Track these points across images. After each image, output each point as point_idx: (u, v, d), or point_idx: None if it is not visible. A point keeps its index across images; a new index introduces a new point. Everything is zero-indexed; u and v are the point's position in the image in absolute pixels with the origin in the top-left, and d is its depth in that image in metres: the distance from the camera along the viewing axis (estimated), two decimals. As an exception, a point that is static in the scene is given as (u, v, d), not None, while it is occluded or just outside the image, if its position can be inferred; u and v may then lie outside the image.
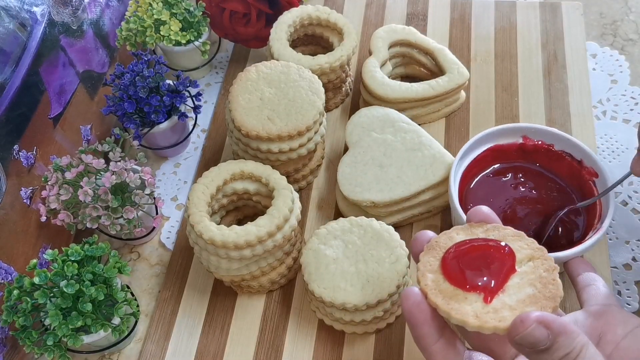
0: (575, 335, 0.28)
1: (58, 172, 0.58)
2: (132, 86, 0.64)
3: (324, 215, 0.67)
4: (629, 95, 0.73)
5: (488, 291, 0.34)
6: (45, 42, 0.60)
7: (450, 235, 0.40)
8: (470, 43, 0.79)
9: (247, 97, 0.61)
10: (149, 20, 0.70)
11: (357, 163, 0.63)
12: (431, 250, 0.39)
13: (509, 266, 0.36)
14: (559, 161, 0.60)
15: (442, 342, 0.33)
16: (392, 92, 0.67)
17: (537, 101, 0.72)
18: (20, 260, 0.56)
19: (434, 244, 0.39)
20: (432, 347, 0.33)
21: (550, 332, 0.28)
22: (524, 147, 0.61)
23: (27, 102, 0.58)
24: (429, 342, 0.33)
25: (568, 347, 0.28)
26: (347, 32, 0.69)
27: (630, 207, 0.65)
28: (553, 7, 0.81)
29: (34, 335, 0.51)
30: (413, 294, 0.33)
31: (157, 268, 0.65)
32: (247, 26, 0.73)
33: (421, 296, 0.34)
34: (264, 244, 0.54)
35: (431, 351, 0.33)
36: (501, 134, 0.61)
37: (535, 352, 0.29)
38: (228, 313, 0.61)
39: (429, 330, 0.32)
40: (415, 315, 0.33)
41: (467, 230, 0.40)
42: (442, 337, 0.33)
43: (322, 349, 0.58)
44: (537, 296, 0.33)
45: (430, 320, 0.33)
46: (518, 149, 0.61)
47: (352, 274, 0.54)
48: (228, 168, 0.58)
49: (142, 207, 0.59)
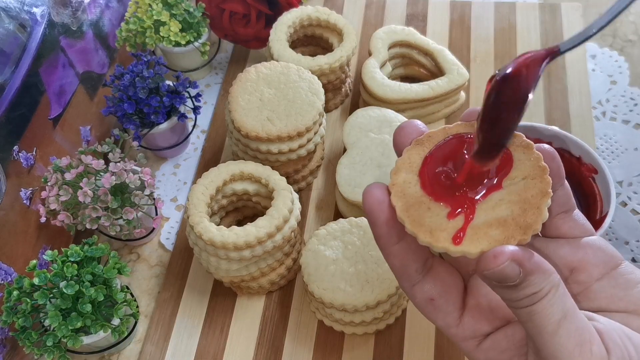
0: (548, 275, 0.27)
1: (58, 172, 0.58)
2: (132, 87, 0.64)
3: (324, 216, 0.67)
4: (628, 96, 0.73)
5: (455, 206, 0.29)
6: (45, 43, 0.60)
7: (449, 130, 0.32)
8: (469, 44, 0.79)
9: (247, 97, 0.61)
10: (149, 21, 0.70)
11: (355, 164, 0.63)
12: (419, 146, 0.32)
13: (496, 181, 0.29)
14: (558, 159, 0.60)
15: (402, 245, 0.30)
16: (391, 93, 0.67)
17: (536, 102, 0.72)
18: (20, 261, 0.56)
19: (426, 138, 0.32)
20: (390, 247, 0.30)
21: (522, 270, 0.26)
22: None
23: (27, 102, 0.58)
24: (387, 243, 0.30)
25: (537, 287, 0.26)
26: (346, 32, 0.69)
27: (630, 207, 0.65)
28: (552, 8, 0.81)
29: (33, 336, 0.51)
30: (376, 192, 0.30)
31: (157, 269, 0.65)
32: (246, 27, 0.73)
33: (384, 195, 0.30)
34: (263, 245, 0.54)
35: (389, 252, 0.30)
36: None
37: (502, 287, 0.27)
38: (228, 314, 0.61)
39: (389, 231, 0.30)
40: (375, 214, 0.29)
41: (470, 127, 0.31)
42: (403, 240, 0.30)
43: (322, 350, 0.58)
44: (509, 222, 0.28)
45: (391, 221, 0.29)
46: None
47: (352, 275, 0.54)
48: (228, 169, 0.58)
49: (141, 208, 0.59)
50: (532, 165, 0.29)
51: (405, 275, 0.31)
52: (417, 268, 0.31)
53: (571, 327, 0.27)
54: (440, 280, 0.31)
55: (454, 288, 0.31)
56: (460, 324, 0.31)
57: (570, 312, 0.27)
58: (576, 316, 0.27)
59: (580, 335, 0.27)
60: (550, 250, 0.32)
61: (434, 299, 0.31)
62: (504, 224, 0.28)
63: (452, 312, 0.31)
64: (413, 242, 0.30)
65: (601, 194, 0.56)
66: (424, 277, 0.31)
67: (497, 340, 0.31)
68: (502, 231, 0.27)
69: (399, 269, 0.31)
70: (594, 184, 0.58)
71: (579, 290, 0.31)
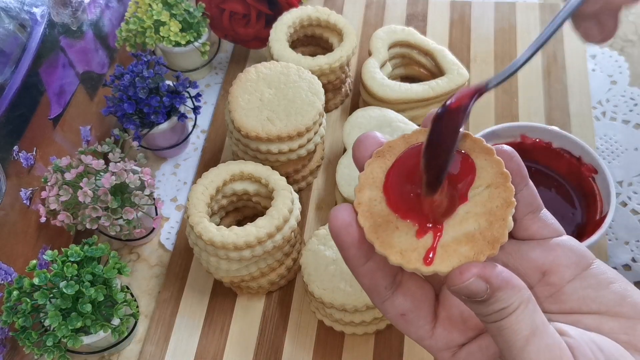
0: (517, 291, 0.27)
1: (58, 172, 0.58)
2: (132, 87, 0.64)
3: (324, 216, 0.67)
4: (628, 96, 0.73)
5: (423, 224, 0.28)
6: (45, 43, 0.60)
7: (409, 138, 0.30)
8: (470, 44, 0.79)
9: (247, 97, 0.61)
10: (149, 21, 0.70)
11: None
12: (380, 158, 0.30)
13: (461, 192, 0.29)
14: (558, 159, 0.60)
15: (370, 264, 0.30)
16: (391, 93, 0.67)
17: (536, 102, 0.72)
18: (20, 261, 0.56)
19: (387, 149, 0.30)
20: (359, 268, 0.30)
21: (489, 287, 0.26)
22: (522, 146, 0.61)
23: (27, 103, 0.58)
24: (356, 264, 0.30)
25: (505, 302, 0.26)
26: (346, 33, 0.69)
27: (629, 207, 0.65)
28: (552, 8, 0.81)
29: (33, 336, 0.51)
30: (342, 215, 0.29)
31: (157, 269, 0.65)
32: (246, 27, 0.73)
33: (351, 217, 0.29)
34: (263, 245, 0.54)
35: (357, 272, 0.30)
36: (499, 134, 0.61)
37: (471, 302, 0.27)
38: (228, 314, 0.61)
39: (357, 253, 0.29)
40: (343, 238, 0.29)
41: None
42: (371, 260, 0.30)
43: (322, 350, 0.58)
44: (476, 237, 0.28)
45: (358, 243, 0.29)
46: (516, 148, 0.61)
47: (352, 275, 0.54)
48: (228, 169, 0.58)
49: (141, 208, 0.59)
50: (495, 172, 0.29)
51: (375, 292, 0.31)
52: (386, 285, 0.30)
53: (541, 343, 0.27)
54: (411, 295, 0.31)
55: (424, 302, 0.31)
56: (433, 335, 0.31)
57: (540, 328, 0.27)
58: (546, 332, 0.27)
59: (550, 352, 0.27)
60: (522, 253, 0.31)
61: (405, 314, 0.31)
62: (472, 239, 0.28)
63: (424, 325, 0.31)
64: (381, 261, 0.29)
65: (601, 194, 0.56)
66: (394, 293, 0.31)
67: (472, 353, 0.31)
68: (471, 247, 0.28)
69: (368, 287, 0.31)
70: (594, 184, 0.58)
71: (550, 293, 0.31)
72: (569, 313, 0.30)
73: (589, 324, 0.29)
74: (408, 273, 0.31)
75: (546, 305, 0.30)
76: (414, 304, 0.31)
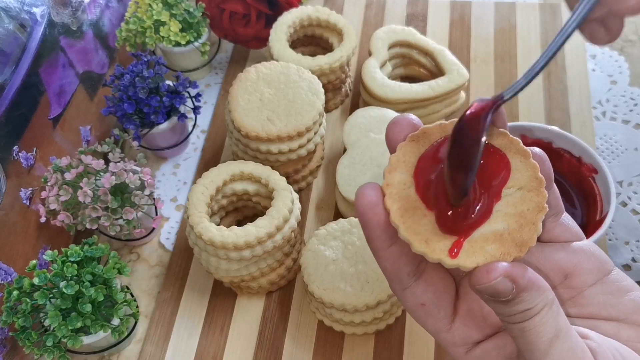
0: (542, 292, 0.26)
1: (58, 172, 0.58)
2: (132, 87, 0.64)
3: (324, 216, 0.67)
4: (628, 96, 0.73)
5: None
6: (45, 43, 0.60)
7: (445, 127, 0.30)
8: (470, 44, 0.79)
9: (247, 97, 0.61)
10: (149, 21, 0.70)
11: (355, 164, 0.63)
12: (414, 143, 0.30)
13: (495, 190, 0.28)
14: (558, 159, 0.60)
15: (394, 248, 0.29)
16: (392, 93, 0.67)
17: (536, 102, 0.72)
18: (19, 261, 0.56)
19: (421, 135, 0.30)
20: (382, 251, 0.29)
21: (516, 287, 0.26)
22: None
23: (27, 102, 0.58)
24: (380, 246, 0.29)
25: (530, 303, 0.26)
26: (346, 32, 0.69)
27: (629, 207, 0.65)
28: (553, 8, 0.81)
29: (33, 336, 0.51)
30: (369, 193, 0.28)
31: (157, 269, 0.65)
32: (246, 27, 0.73)
33: (378, 196, 0.28)
34: (263, 245, 0.54)
35: (380, 255, 0.29)
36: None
37: (494, 301, 0.27)
38: (228, 314, 0.61)
39: (381, 235, 0.28)
40: (368, 217, 0.28)
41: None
42: (396, 244, 0.29)
43: (322, 350, 0.58)
44: (505, 237, 0.27)
45: (385, 224, 0.28)
46: None
47: (352, 275, 0.54)
48: (228, 169, 0.58)
49: (141, 208, 0.59)
50: (529, 176, 0.29)
51: (396, 278, 0.30)
52: (409, 272, 0.30)
53: (564, 346, 0.26)
54: (433, 286, 0.30)
55: (446, 293, 0.31)
56: (451, 329, 0.31)
57: (564, 331, 0.27)
58: (570, 335, 0.27)
59: (573, 355, 0.26)
60: (546, 255, 0.31)
61: (425, 304, 0.30)
62: (500, 239, 0.27)
63: (443, 317, 0.31)
64: (406, 246, 0.29)
65: (601, 194, 0.56)
66: (416, 282, 0.30)
67: (487, 351, 0.30)
68: (498, 247, 0.27)
69: (390, 272, 0.30)
70: (594, 184, 0.58)
71: (571, 295, 0.31)
72: (588, 318, 0.30)
73: (607, 330, 0.29)
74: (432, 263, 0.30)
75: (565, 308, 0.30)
76: (435, 295, 0.30)
